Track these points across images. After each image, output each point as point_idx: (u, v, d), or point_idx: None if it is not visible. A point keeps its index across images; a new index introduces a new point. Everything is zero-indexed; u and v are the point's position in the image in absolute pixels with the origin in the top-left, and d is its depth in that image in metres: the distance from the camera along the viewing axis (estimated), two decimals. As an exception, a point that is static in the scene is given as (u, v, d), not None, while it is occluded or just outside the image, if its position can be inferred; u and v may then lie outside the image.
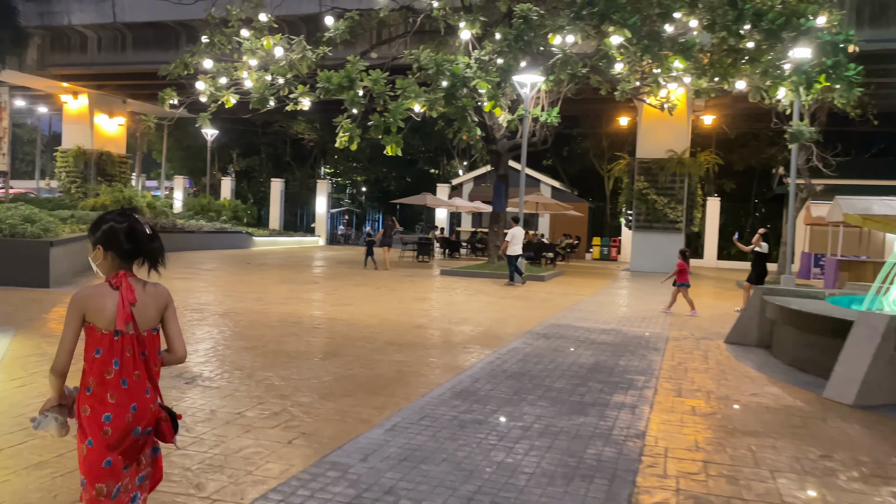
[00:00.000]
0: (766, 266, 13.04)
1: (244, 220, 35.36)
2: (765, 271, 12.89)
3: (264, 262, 21.78)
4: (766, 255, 12.89)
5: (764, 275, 12.88)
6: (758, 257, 12.90)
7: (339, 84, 11.49)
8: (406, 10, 17.94)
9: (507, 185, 20.77)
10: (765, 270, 12.89)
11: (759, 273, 12.84)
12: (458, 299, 13.52)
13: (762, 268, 12.88)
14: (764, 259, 12.94)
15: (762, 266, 12.90)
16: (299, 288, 14.29)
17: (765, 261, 12.93)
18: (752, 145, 33.26)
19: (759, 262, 12.95)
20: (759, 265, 12.92)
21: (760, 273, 12.83)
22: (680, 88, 11.90)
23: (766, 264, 13.06)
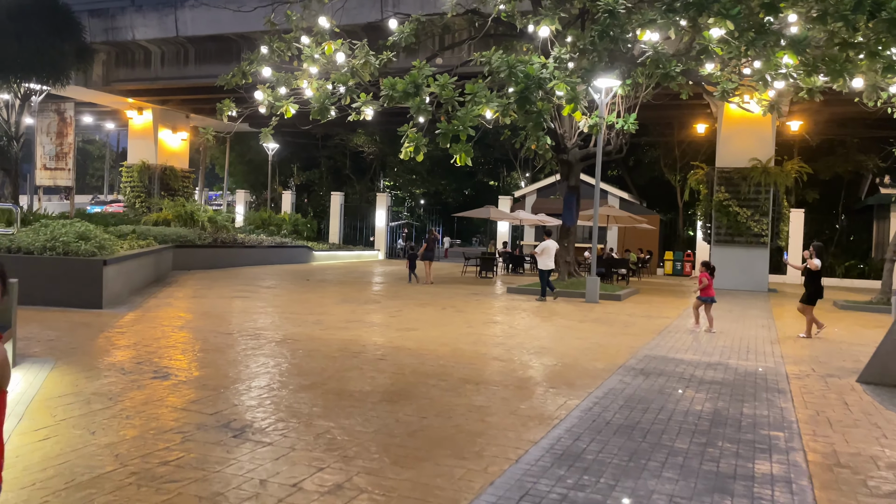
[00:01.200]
0: (820, 284, 11.64)
1: (304, 233, 35.03)
2: (819, 290, 11.61)
3: (324, 279, 21.07)
4: (819, 272, 11.59)
5: (818, 294, 11.60)
6: (811, 275, 11.65)
7: (404, 91, 10.56)
8: (472, 14, 16.98)
9: (578, 197, 19.51)
10: (819, 289, 11.61)
11: (811, 292, 11.58)
12: (532, 322, 12.35)
13: (816, 286, 11.57)
14: (817, 277, 11.63)
15: (816, 284, 11.58)
16: (360, 309, 13.38)
17: (819, 279, 11.62)
18: (838, 152, 30.99)
19: (811, 279, 11.63)
20: (812, 283, 11.61)
21: (813, 292, 11.56)
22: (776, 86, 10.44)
23: (820, 282, 11.64)
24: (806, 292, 11.71)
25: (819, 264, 11.54)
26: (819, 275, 11.65)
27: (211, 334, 9.57)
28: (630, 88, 17.37)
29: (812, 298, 11.58)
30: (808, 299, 11.60)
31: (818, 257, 11.67)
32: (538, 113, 9.30)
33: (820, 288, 11.66)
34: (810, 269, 11.58)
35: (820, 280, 11.68)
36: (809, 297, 11.60)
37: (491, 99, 10.27)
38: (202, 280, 18.63)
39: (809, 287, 11.65)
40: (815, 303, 11.57)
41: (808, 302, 11.58)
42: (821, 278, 11.70)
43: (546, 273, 16.52)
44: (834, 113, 27.42)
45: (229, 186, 44.68)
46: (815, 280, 11.62)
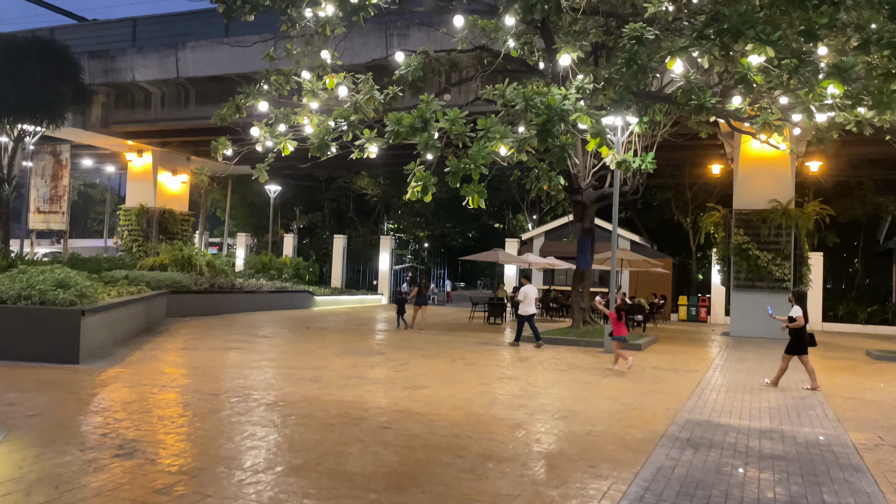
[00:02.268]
0: (803, 333, 10.91)
1: (306, 278, 34.07)
2: (802, 338, 10.89)
3: (325, 326, 20.00)
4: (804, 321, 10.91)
5: (802, 342, 10.88)
6: (799, 327, 10.91)
7: (410, 126, 9.69)
8: (480, 51, 16.32)
9: (593, 239, 18.55)
10: (803, 338, 10.89)
11: (794, 342, 10.94)
12: (551, 378, 11.25)
13: (799, 336, 10.91)
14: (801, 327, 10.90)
15: (799, 334, 10.91)
16: (362, 362, 12.29)
17: (802, 328, 10.91)
18: (856, 194, 30.11)
19: (794, 329, 10.91)
20: (794, 332, 10.94)
21: (797, 342, 10.91)
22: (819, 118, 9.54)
23: (804, 331, 10.92)
24: (790, 341, 11.03)
25: (799, 313, 10.82)
26: (802, 326, 10.91)
27: (194, 396, 8.50)
28: (647, 126, 16.59)
29: (794, 348, 10.93)
30: (790, 348, 10.97)
31: (798, 305, 10.99)
32: (562, 147, 8.41)
33: (803, 337, 10.93)
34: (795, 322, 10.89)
35: (803, 329, 10.94)
36: (791, 346, 10.96)
37: (506, 134, 9.39)
38: (196, 328, 17.60)
39: (792, 336, 11.00)
40: (799, 352, 10.88)
41: (795, 351, 10.92)
42: (805, 327, 10.96)
43: (525, 318, 15.87)
44: (853, 154, 26.67)
45: (231, 230, 43.92)
46: (798, 329, 10.89)
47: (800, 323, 10.81)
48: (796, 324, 10.77)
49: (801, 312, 10.87)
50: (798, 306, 10.95)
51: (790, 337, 11.05)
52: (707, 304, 30.23)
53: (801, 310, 10.92)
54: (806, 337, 10.93)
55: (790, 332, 11.03)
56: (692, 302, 30.61)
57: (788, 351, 11.01)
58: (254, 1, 11.91)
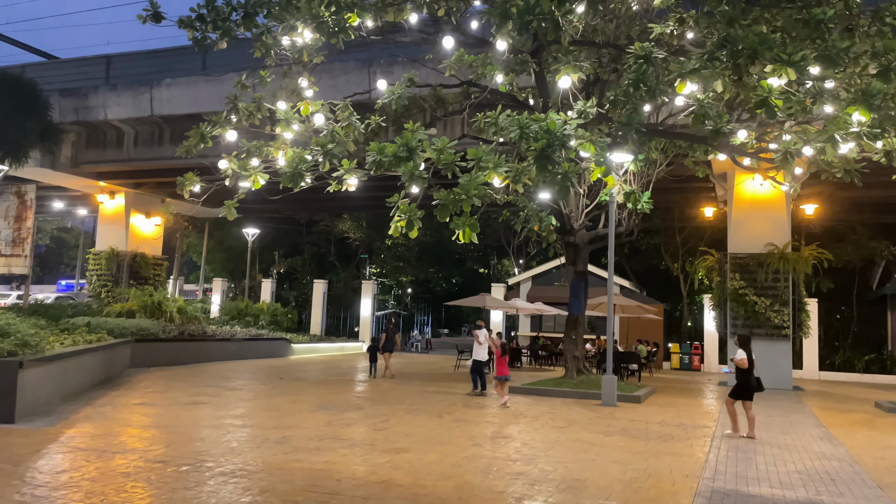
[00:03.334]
0: (749, 378, 10.66)
1: (284, 324, 32.71)
2: (748, 383, 10.64)
3: (300, 376, 18.68)
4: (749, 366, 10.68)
5: (747, 387, 10.63)
6: (739, 369, 10.75)
7: (394, 155, 8.75)
8: (468, 86, 15.57)
9: (587, 283, 17.56)
10: (748, 382, 10.65)
11: (740, 386, 10.70)
12: (551, 436, 10.08)
13: (745, 380, 10.67)
14: (746, 371, 10.68)
15: (745, 378, 10.67)
16: (339, 418, 11.05)
17: (748, 372, 10.69)
18: (849, 239, 29.53)
19: (740, 373, 10.74)
20: (740, 376, 10.73)
21: (743, 386, 10.66)
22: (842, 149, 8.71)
23: (751, 376, 10.67)
24: (735, 385, 10.81)
25: (744, 358, 10.60)
26: (749, 369, 10.67)
27: (138, 464, 7.25)
28: (643, 164, 15.81)
29: (739, 392, 10.67)
30: (735, 393, 10.73)
31: (742, 348, 10.72)
32: (563, 175, 7.47)
33: (749, 382, 10.65)
34: (737, 366, 10.72)
35: (749, 374, 10.67)
36: (742, 390, 10.66)
37: (500, 163, 8.44)
38: (161, 380, 16.24)
39: (739, 379, 10.74)
40: (743, 398, 10.62)
41: (741, 396, 10.65)
42: (751, 371, 10.70)
43: (478, 365, 15.18)
44: (846, 198, 26.13)
45: (207, 275, 42.52)
46: (743, 374, 10.68)
47: (742, 365, 10.59)
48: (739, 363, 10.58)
49: (745, 356, 10.61)
50: (742, 350, 10.68)
51: (736, 381, 10.80)
52: (700, 351, 29.22)
53: (746, 354, 10.64)
54: (752, 382, 10.68)
55: (736, 376, 10.80)
56: (685, 350, 29.59)
57: (732, 395, 10.76)
58: (224, 26, 11.02)
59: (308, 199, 33.63)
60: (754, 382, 10.71)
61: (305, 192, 33.41)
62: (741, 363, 10.64)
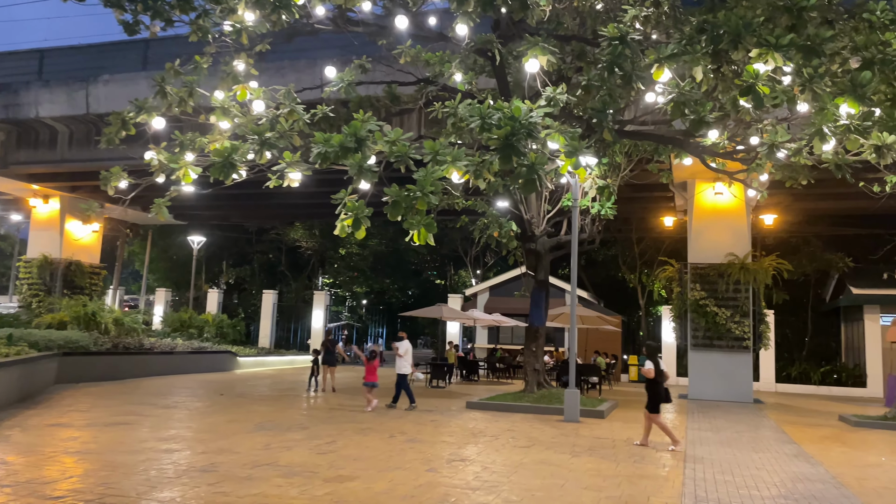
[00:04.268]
0: (659, 390, 10.53)
1: (231, 336, 31.22)
2: (658, 395, 10.51)
3: (243, 392, 17.44)
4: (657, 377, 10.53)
5: (658, 399, 10.51)
6: (648, 381, 10.62)
7: (341, 145, 7.80)
8: (425, 84, 14.76)
9: (548, 293, 16.80)
10: (658, 394, 10.52)
11: (651, 398, 10.51)
12: (513, 458, 9.20)
13: (655, 391, 10.53)
14: (655, 382, 10.55)
15: (655, 389, 10.54)
16: (279, 440, 9.97)
17: (657, 383, 10.54)
18: (804, 251, 29.59)
19: (650, 385, 10.60)
20: (651, 388, 10.59)
21: (654, 398, 10.50)
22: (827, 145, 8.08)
23: (660, 387, 10.54)
24: (649, 399, 10.57)
25: (651, 368, 10.47)
26: (657, 379, 10.51)
27: (26, 501, 6.09)
28: (607, 168, 15.21)
29: (653, 405, 10.49)
30: (651, 406, 10.51)
31: (650, 360, 10.62)
32: (530, 167, 6.65)
33: (659, 393, 10.51)
34: (645, 376, 10.63)
35: (659, 385, 10.51)
36: (651, 403, 10.51)
37: (459, 156, 7.57)
38: (87, 397, 14.87)
39: (649, 392, 10.58)
40: (659, 410, 10.51)
41: (650, 409, 10.49)
42: (661, 382, 10.55)
43: (403, 378, 14.58)
44: (803, 209, 26.15)
45: (151, 285, 40.58)
46: (653, 385, 10.54)
47: (649, 375, 10.47)
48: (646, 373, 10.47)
49: (653, 366, 10.47)
50: (650, 360, 10.57)
51: (647, 393, 10.61)
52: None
53: (654, 364, 10.51)
54: (661, 393, 10.54)
55: (646, 389, 10.65)
56: (642, 362, 29.07)
57: (649, 409, 10.53)
58: (156, 6, 9.93)
59: (258, 206, 32.30)
60: (663, 392, 10.57)
61: (255, 198, 31.86)
62: (647, 373, 10.50)
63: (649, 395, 10.59)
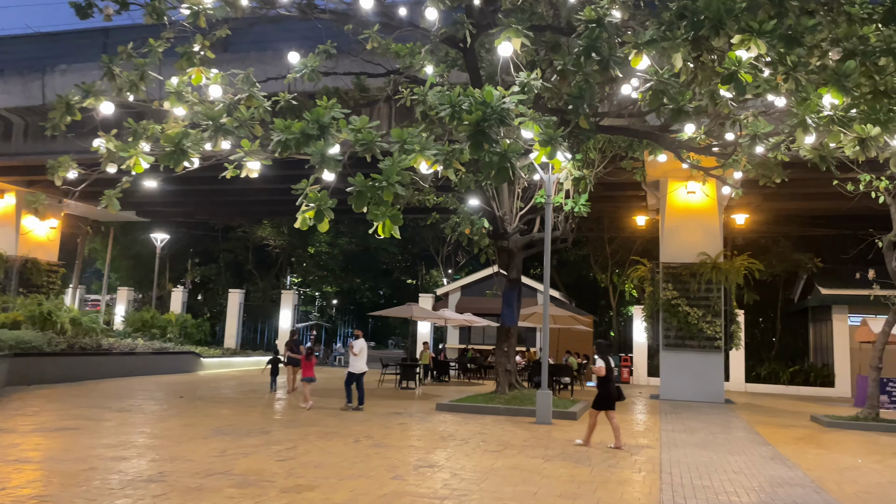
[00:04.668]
0: (609, 388, 10.44)
1: (195, 337, 30.37)
2: (609, 393, 10.42)
3: (205, 395, 16.79)
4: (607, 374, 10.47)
5: (608, 397, 10.41)
6: (599, 378, 10.56)
7: (302, 132, 7.32)
8: (394, 76, 14.31)
9: (520, 292, 16.45)
10: (609, 392, 10.42)
11: (600, 396, 10.43)
12: (484, 463, 8.78)
13: (605, 389, 10.45)
14: (605, 380, 10.48)
15: (605, 387, 10.47)
16: (236, 445, 9.43)
17: (607, 381, 10.47)
18: (773, 251, 29.71)
19: (600, 382, 10.55)
20: (601, 386, 10.53)
21: (603, 396, 10.40)
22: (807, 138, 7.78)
23: (610, 385, 10.46)
24: (597, 396, 10.53)
25: (602, 366, 10.42)
26: (607, 377, 10.43)
27: (-53, 518, 5.52)
28: (581, 164, 14.90)
29: (600, 402, 10.39)
30: (596, 403, 10.46)
31: (601, 357, 10.56)
32: (502, 155, 6.25)
33: (610, 391, 10.44)
34: (596, 375, 10.56)
35: (609, 383, 10.44)
36: (597, 400, 10.46)
37: (427, 145, 7.14)
38: (38, 400, 14.15)
39: (599, 390, 10.53)
40: (604, 407, 10.38)
41: (601, 406, 10.40)
42: (610, 380, 10.48)
43: (357, 377, 14.13)
44: (774, 209, 26.23)
45: (113, 283, 39.41)
46: (604, 383, 10.46)
47: (600, 374, 10.42)
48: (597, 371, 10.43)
49: (604, 365, 10.41)
50: (601, 358, 10.49)
51: (597, 390, 10.55)
52: (629, 363, 28.70)
53: (605, 362, 10.44)
54: (613, 391, 10.47)
55: (597, 386, 10.58)
56: (614, 362, 28.95)
57: (595, 406, 10.45)
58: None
59: (224, 203, 31.48)
60: (615, 391, 10.49)
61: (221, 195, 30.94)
62: (599, 371, 10.45)
63: (599, 392, 10.51)
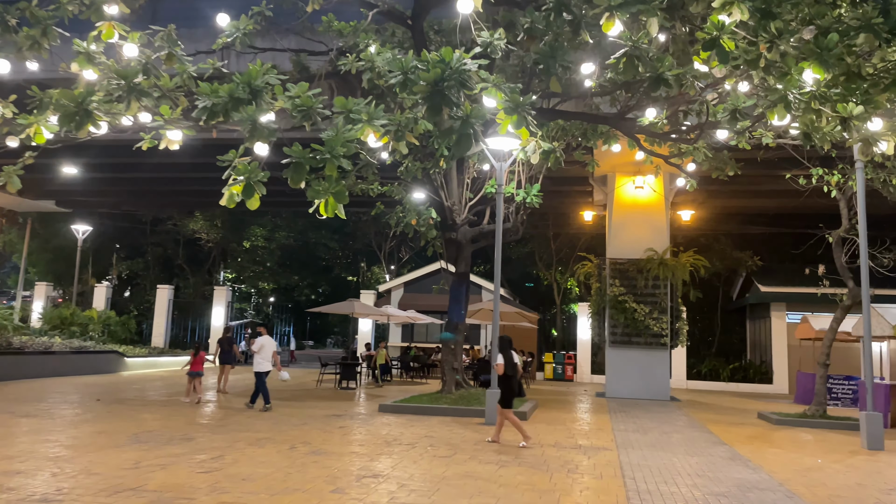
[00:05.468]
0: (511, 383, 10.20)
1: (120, 335, 28.54)
2: (511, 390, 10.22)
3: (126, 397, 15.45)
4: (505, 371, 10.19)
5: (511, 394, 10.24)
6: (501, 376, 10.32)
7: (230, 95, 6.36)
8: (337, 54, 13.36)
9: (468, 287, 15.73)
10: (511, 389, 10.22)
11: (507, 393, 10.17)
12: (434, 471, 7.99)
13: (506, 386, 10.21)
14: (506, 377, 10.18)
15: (506, 384, 10.21)
16: (154, 455, 8.35)
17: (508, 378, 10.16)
18: (714, 249, 29.92)
19: (501, 380, 10.35)
20: (502, 384, 10.34)
21: (505, 393, 10.18)
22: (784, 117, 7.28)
23: (512, 381, 10.20)
24: (501, 394, 10.30)
25: (501, 363, 10.17)
26: (507, 373, 10.13)
27: None
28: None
29: (507, 400, 10.17)
30: (504, 401, 10.18)
31: (502, 353, 10.29)
32: (464, 120, 5.47)
33: (512, 388, 10.23)
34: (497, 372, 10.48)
35: (511, 379, 10.18)
36: (503, 398, 10.20)
37: (376, 115, 6.29)
38: (-72, 405, 12.60)
39: (501, 387, 10.32)
40: (511, 405, 10.20)
41: (503, 404, 10.18)
42: (513, 377, 10.20)
43: (262, 376, 13.44)
44: (717, 206, 26.35)
45: (30, 278, 36.86)
46: (505, 380, 10.21)
47: (499, 371, 10.23)
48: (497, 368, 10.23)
49: (503, 361, 10.16)
50: (501, 354, 10.24)
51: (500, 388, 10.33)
52: (573, 361, 28.41)
53: (505, 359, 10.17)
54: (514, 388, 10.28)
55: (499, 384, 10.37)
56: (558, 359, 28.65)
57: (502, 404, 10.17)
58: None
59: (153, 193, 29.71)
60: (516, 387, 10.24)
61: (150, 184, 29.01)
62: (497, 369, 10.28)
63: (501, 389, 10.19)
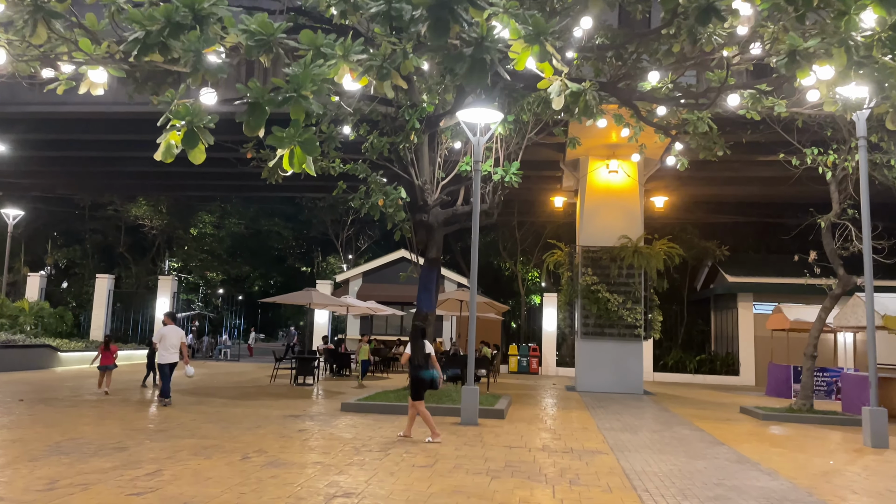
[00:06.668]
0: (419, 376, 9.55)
1: (54, 328, 26.42)
2: (422, 382, 9.60)
3: (53, 396, 13.77)
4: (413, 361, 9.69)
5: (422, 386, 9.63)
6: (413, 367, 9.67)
7: (168, 19, 4.99)
8: (296, 15, 12.00)
9: (439, 274, 14.52)
10: (421, 381, 9.60)
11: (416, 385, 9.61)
12: (416, 486, 6.76)
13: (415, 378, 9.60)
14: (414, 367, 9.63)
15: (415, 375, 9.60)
16: (76, 469, 6.90)
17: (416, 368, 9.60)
18: (681, 238, 29.36)
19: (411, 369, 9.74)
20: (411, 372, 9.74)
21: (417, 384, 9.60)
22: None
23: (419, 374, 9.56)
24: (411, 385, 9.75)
25: (407, 353, 9.77)
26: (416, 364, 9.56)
27: None
28: (512, 127, 13.14)
29: (417, 391, 9.58)
30: (415, 394, 9.62)
31: (412, 342, 9.80)
32: (478, 44, 4.26)
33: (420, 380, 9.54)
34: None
35: (418, 369, 9.56)
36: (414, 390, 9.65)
37: (355, 48, 5.01)
38: None
39: (411, 377, 9.73)
40: (422, 397, 9.60)
41: (415, 396, 9.61)
42: (419, 368, 9.57)
43: (165, 368, 12.69)
44: (686, 194, 25.71)
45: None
46: (414, 370, 9.63)
47: (404, 361, 9.85)
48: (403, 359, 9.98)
49: (409, 352, 9.69)
50: (411, 343, 9.78)
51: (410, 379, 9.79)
52: (538, 353, 27.52)
53: (413, 349, 9.65)
54: (426, 378, 9.63)
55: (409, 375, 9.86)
56: (523, 352, 27.71)
57: (413, 397, 9.62)
58: None
59: (91, 175, 27.56)
60: (427, 378, 9.59)
61: (88, 164, 26.81)
62: (403, 358, 10.00)
63: (411, 381, 9.63)
